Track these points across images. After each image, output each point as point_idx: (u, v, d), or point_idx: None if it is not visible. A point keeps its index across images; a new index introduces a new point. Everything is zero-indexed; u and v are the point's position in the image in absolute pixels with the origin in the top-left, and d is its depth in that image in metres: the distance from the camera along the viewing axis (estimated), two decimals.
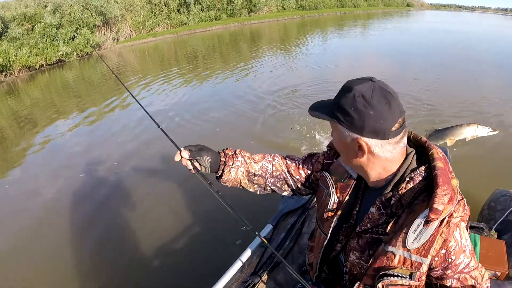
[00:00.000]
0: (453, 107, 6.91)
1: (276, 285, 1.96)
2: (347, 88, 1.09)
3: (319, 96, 8.01)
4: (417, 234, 1.06)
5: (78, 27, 18.91)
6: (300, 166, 1.53)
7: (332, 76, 10.08)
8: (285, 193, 1.58)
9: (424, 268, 1.10)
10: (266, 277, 2.00)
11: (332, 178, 1.37)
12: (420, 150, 1.22)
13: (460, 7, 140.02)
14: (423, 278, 1.13)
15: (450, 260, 1.09)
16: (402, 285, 1.12)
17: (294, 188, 1.56)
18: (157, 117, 6.53)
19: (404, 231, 1.09)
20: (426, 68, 10.85)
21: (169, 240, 3.64)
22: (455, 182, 1.09)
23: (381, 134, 1.07)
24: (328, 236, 1.34)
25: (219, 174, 1.46)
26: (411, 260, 1.09)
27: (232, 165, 1.45)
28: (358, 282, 1.22)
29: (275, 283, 1.98)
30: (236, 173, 1.46)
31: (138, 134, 6.59)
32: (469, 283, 1.14)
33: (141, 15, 23.11)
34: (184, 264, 3.32)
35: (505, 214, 2.44)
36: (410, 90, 7.99)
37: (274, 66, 11.95)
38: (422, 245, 1.07)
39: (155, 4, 24.52)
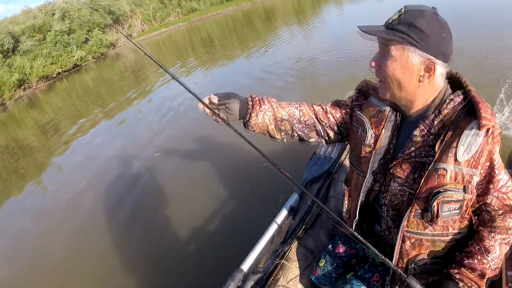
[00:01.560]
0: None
1: (306, 251, 1.99)
2: (417, 12, 1.12)
3: (340, 61, 8.02)
4: (466, 145, 1.12)
5: (90, 29, 19.02)
6: (328, 110, 1.54)
7: (351, 42, 9.77)
8: (312, 140, 1.58)
9: (475, 180, 1.16)
10: (296, 244, 2.03)
11: (365, 116, 1.40)
12: (450, 81, 1.28)
13: None
14: (474, 191, 1.18)
15: (493, 174, 1.16)
16: (456, 200, 1.18)
17: (322, 134, 1.56)
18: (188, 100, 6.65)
19: (453, 145, 1.14)
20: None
21: (209, 217, 3.83)
22: (489, 105, 1.16)
23: (447, 57, 1.15)
24: (368, 175, 1.37)
25: (247, 119, 1.47)
26: (463, 174, 1.15)
27: (259, 109, 1.46)
28: (410, 209, 1.24)
29: (305, 249, 2.00)
30: (263, 117, 1.47)
31: (169, 120, 6.84)
32: (507, 203, 1.21)
33: (151, 7, 22.95)
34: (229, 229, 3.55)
35: None
36: None
37: (293, 39, 11.80)
38: (472, 156, 1.13)
39: None
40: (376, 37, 1.18)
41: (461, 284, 1.23)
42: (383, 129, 1.34)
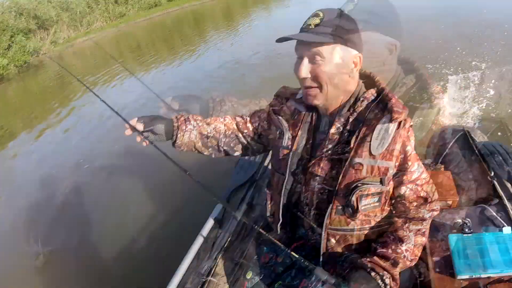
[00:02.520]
0: None
1: (233, 264, 1.94)
2: (335, 12, 1.19)
3: (268, 62, 8.21)
4: (380, 139, 1.18)
5: (13, 34, 17.66)
6: (248, 119, 1.60)
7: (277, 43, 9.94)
8: (237, 154, 1.64)
9: (391, 171, 1.22)
10: (223, 258, 1.99)
11: (283, 118, 1.43)
12: (365, 81, 1.36)
13: None
14: (391, 183, 1.26)
15: (406, 166, 1.23)
16: (374, 193, 1.23)
17: (245, 144, 1.61)
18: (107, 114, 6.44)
19: (367, 140, 1.19)
20: None
21: (135, 235, 3.69)
22: (401, 101, 1.24)
23: (362, 50, 1.25)
24: (287, 177, 1.38)
25: (174, 139, 1.51)
26: (378, 167, 1.20)
27: (185, 129, 1.50)
28: (330, 206, 1.27)
29: (232, 262, 1.96)
30: (189, 136, 1.51)
31: (95, 131, 6.57)
32: (421, 195, 1.29)
33: (78, 12, 21.82)
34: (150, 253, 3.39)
35: (448, 147, 2.56)
36: None
37: (221, 43, 11.76)
38: (386, 148, 1.19)
39: None
40: (300, 46, 1.21)
41: (373, 273, 1.24)
42: (299, 130, 1.37)
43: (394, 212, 1.37)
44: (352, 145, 1.21)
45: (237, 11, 21.98)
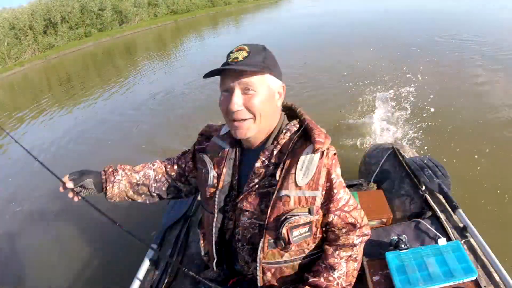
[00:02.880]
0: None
1: None
2: (258, 46, 1.23)
3: (199, 91, 8.18)
4: (304, 170, 1.19)
5: None
6: (175, 162, 1.60)
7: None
8: (170, 197, 1.61)
9: (318, 201, 1.22)
10: None
11: (207, 156, 1.40)
12: (287, 113, 1.39)
13: None
14: (320, 211, 1.26)
15: (332, 193, 1.24)
16: (304, 224, 1.23)
17: (175, 187, 1.59)
18: (36, 151, 6.07)
19: (292, 171, 1.19)
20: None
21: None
22: (324, 130, 1.26)
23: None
24: (216, 215, 1.35)
25: (104, 191, 1.48)
26: (305, 197, 1.20)
27: (113, 180, 1.47)
28: (262, 240, 1.24)
29: None
30: (119, 187, 1.48)
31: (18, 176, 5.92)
32: (349, 221, 1.30)
33: (5, 44, 20.69)
34: None
35: (380, 165, 2.63)
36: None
37: (153, 74, 11.57)
38: (311, 178, 1.19)
39: (19, 29, 21.56)
40: (230, 79, 1.18)
41: None
42: (224, 167, 1.35)
43: (325, 239, 1.36)
44: (278, 178, 1.21)
45: (169, 40, 22.00)
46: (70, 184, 1.40)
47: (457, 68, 7.55)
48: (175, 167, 1.59)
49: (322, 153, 1.21)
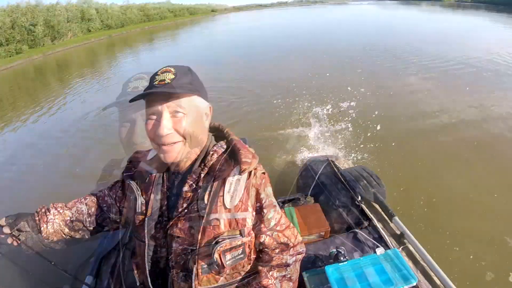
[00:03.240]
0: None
1: None
2: (184, 68, 1.21)
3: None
4: (232, 191, 1.18)
5: None
6: (106, 193, 1.53)
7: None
8: (107, 228, 1.56)
9: (249, 222, 1.21)
10: None
11: (135, 183, 1.36)
12: (215, 134, 1.38)
13: (261, 5, 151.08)
14: (252, 233, 1.25)
15: (263, 213, 1.23)
16: (236, 246, 1.21)
17: (109, 218, 1.53)
18: None
19: (220, 194, 1.17)
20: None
21: None
22: (252, 150, 1.27)
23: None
24: (147, 243, 1.30)
25: (40, 233, 1.40)
26: (236, 219, 1.19)
27: (47, 220, 1.40)
28: (195, 266, 1.21)
29: None
30: (53, 226, 1.41)
31: None
32: (282, 241, 1.30)
33: None
34: None
35: (316, 178, 2.63)
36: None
37: (85, 93, 11.12)
38: (240, 200, 1.18)
39: None
40: (157, 102, 1.15)
41: None
42: (152, 194, 1.30)
43: (260, 260, 1.34)
44: (206, 202, 1.18)
45: (103, 56, 21.40)
46: (7, 229, 1.33)
47: (391, 79, 7.98)
48: (106, 198, 1.52)
49: (250, 173, 1.21)
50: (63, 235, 1.46)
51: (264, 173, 1.27)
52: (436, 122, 5.62)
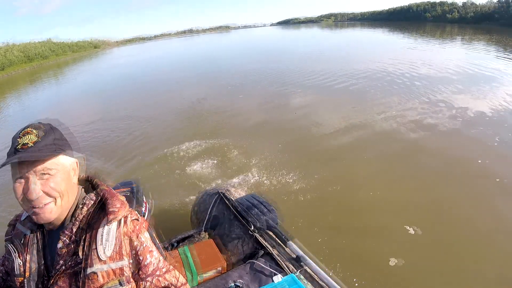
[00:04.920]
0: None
1: None
2: (47, 126, 1.17)
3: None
4: (104, 243, 1.15)
5: None
6: (1, 261, 1.42)
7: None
8: None
9: (127, 270, 1.19)
10: None
11: (12, 246, 1.29)
12: (85, 186, 1.33)
13: (144, 38, 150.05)
14: (131, 280, 1.21)
15: (139, 260, 1.21)
16: None
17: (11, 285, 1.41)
18: None
19: (93, 247, 1.15)
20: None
21: None
22: (122, 197, 1.26)
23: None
24: None
25: None
26: (113, 269, 1.16)
27: None
28: None
29: None
30: None
31: None
32: (164, 285, 1.27)
33: None
34: None
35: (209, 212, 2.60)
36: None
37: None
38: (113, 250, 1.16)
39: None
40: (23, 167, 1.12)
41: None
42: (28, 254, 1.26)
43: None
44: (81, 256, 1.16)
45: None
46: None
47: (275, 97, 8.53)
48: (1, 267, 1.42)
49: (120, 222, 1.20)
50: None
51: (136, 219, 1.25)
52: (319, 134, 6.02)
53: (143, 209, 2.57)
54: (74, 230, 1.20)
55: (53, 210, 1.17)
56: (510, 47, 17.83)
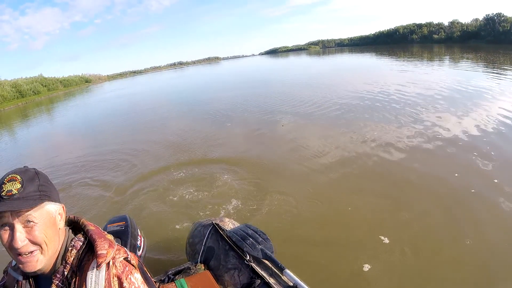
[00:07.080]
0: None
1: None
2: (30, 173, 1.17)
3: None
4: (93, 286, 1.14)
5: None
6: None
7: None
8: None
9: None
10: None
11: None
12: (73, 226, 1.34)
13: (135, 71, 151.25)
14: None
15: None
16: None
17: None
18: None
19: None
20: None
21: None
22: (110, 236, 1.27)
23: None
24: None
25: None
26: None
27: None
28: None
29: None
30: None
31: None
32: None
33: None
34: None
35: (203, 243, 2.59)
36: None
37: None
38: None
39: None
40: (7, 216, 1.10)
41: None
42: None
43: None
44: None
45: None
46: None
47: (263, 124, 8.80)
48: None
49: (108, 265, 1.19)
50: None
51: (126, 258, 1.25)
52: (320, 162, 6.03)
53: (138, 242, 2.55)
54: (66, 273, 1.20)
55: (39, 259, 1.17)
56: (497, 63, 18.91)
